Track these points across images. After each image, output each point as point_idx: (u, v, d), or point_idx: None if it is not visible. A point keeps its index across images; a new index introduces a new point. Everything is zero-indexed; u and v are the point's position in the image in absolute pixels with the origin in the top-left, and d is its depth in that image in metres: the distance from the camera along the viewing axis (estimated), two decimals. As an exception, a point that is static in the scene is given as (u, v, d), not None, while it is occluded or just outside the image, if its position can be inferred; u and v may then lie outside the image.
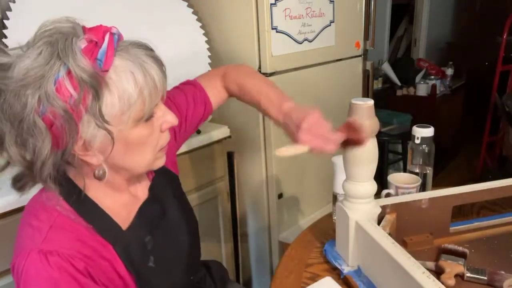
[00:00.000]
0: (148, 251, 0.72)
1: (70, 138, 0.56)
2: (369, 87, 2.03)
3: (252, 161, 1.66)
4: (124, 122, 0.59)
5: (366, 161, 0.79)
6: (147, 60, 0.60)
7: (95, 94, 0.54)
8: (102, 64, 0.56)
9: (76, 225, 0.63)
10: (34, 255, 0.58)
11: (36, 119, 0.54)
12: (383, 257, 0.71)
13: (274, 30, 1.49)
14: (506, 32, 3.05)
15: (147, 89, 0.59)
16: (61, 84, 0.53)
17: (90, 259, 0.62)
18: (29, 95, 0.53)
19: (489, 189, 0.94)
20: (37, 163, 0.56)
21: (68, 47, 0.54)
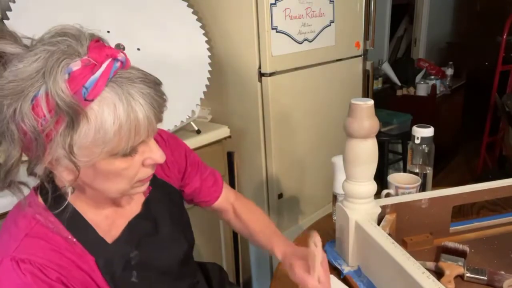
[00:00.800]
0: (132, 266, 0.70)
1: (36, 155, 0.55)
2: (369, 87, 2.03)
3: (252, 161, 1.66)
4: (95, 155, 0.56)
5: (366, 161, 0.79)
6: (139, 98, 0.56)
7: (70, 123, 0.52)
8: (87, 93, 0.53)
9: (53, 235, 0.63)
10: (6, 262, 0.58)
11: (10, 125, 0.53)
12: (383, 257, 0.71)
13: (274, 30, 1.49)
14: (506, 32, 3.05)
15: (127, 128, 0.55)
16: (38, 103, 0.52)
17: (65, 269, 0.62)
18: (5, 105, 0.53)
19: (489, 189, 0.94)
20: (3, 168, 0.56)
21: (54, 70, 0.52)
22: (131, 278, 0.70)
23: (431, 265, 0.82)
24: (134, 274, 0.70)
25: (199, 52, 1.54)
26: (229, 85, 1.65)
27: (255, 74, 1.53)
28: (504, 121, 2.98)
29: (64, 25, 0.57)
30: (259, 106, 1.57)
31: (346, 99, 0.83)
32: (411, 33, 4.08)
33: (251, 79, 1.55)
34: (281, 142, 1.63)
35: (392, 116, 2.84)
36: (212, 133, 1.53)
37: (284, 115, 1.61)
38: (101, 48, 0.56)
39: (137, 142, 0.59)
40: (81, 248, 0.65)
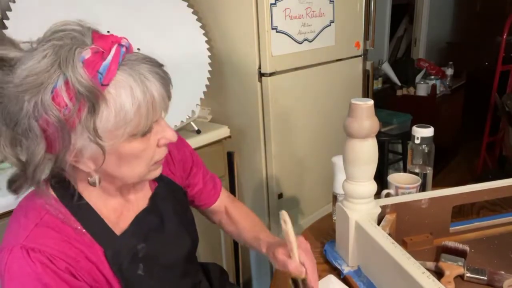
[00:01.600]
0: (139, 258, 0.71)
1: (63, 146, 0.56)
2: (369, 87, 2.03)
3: (252, 161, 1.66)
4: (118, 137, 0.59)
5: (366, 161, 0.79)
6: (150, 77, 0.59)
7: (91, 107, 0.54)
8: (102, 78, 0.55)
9: (63, 226, 0.64)
10: (16, 250, 0.59)
11: (31, 122, 0.54)
12: (383, 257, 0.71)
13: (274, 30, 1.49)
14: (506, 32, 3.05)
15: (145, 106, 0.58)
16: (58, 93, 0.53)
17: (74, 259, 0.63)
18: (26, 100, 0.54)
19: (489, 189, 0.94)
20: (30, 166, 0.57)
21: (70, 58, 0.54)
22: (137, 271, 0.71)
23: (431, 265, 0.82)
24: (140, 267, 0.71)
25: (199, 52, 1.54)
26: (229, 85, 1.65)
27: (255, 74, 1.53)
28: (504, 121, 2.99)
29: (64, 21, 0.59)
30: (259, 106, 1.57)
31: (346, 99, 0.83)
32: (411, 33, 4.08)
33: (251, 79, 1.55)
34: (281, 142, 1.63)
35: (392, 116, 2.84)
36: (212, 133, 1.53)
37: (284, 115, 1.61)
38: (105, 37, 0.58)
39: (154, 119, 0.62)
40: (90, 238, 0.66)
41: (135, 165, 0.65)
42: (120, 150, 0.61)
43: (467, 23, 4.68)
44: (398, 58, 4.02)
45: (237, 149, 1.66)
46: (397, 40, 4.10)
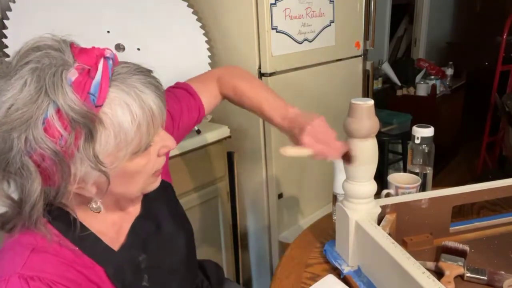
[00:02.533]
0: (142, 270, 0.69)
1: (63, 178, 0.52)
2: (369, 87, 2.03)
3: (252, 161, 1.66)
4: (120, 159, 0.55)
5: (366, 161, 0.79)
6: (145, 90, 0.55)
7: (88, 133, 0.50)
8: (96, 99, 0.51)
9: (60, 249, 0.60)
10: (14, 280, 0.54)
11: (24, 159, 0.50)
12: (383, 257, 0.71)
13: (274, 30, 1.49)
14: (506, 32, 3.05)
15: (145, 122, 0.55)
16: (50, 124, 0.49)
17: (75, 283, 0.59)
18: (15, 138, 0.49)
19: (489, 189, 0.94)
20: (26, 205, 0.52)
21: (57, 83, 0.49)
22: (142, 283, 0.68)
23: (431, 265, 0.82)
24: (145, 278, 0.69)
25: (199, 52, 1.54)
26: (229, 85, 1.65)
27: (255, 74, 1.53)
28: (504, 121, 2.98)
29: (34, 39, 0.54)
30: (259, 106, 1.57)
31: (346, 99, 0.83)
32: (411, 33, 4.08)
33: (251, 79, 1.55)
34: (281, 142, 1.63)
35: (392, 116, 2.84)
36: (212, 133, 1.53)
37: (284, 115, 1.61)
38: (86, 50, 0.54)
39: (153, 134, 0.58)
40: (89, 259, 0.63)
41: (138, 181, 0.62)
42: (123, 170, 0.58)
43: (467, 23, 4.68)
44: (398, 58, 4.02)
45: (237, 149, 1.65)
46: (397, 40, 4.10)
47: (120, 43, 1.32)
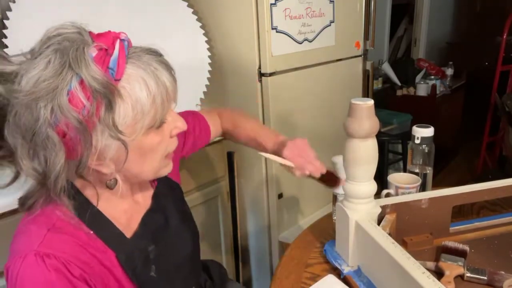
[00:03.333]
0: (150, 260, 0.71)
1: (85, 148, 0.55)
2: (369, 87, 2.03)
3: (252, 161, 1.66)
4: (137, 131, 0.59)
5: (366, 161, 0.79)
6: (158, 67, 0.59)
7: (108, 104, 0.54)
8: (114, 73, 0.55)
9: (75, 230, 0.62)
10: (30, 257, 0.57)
11: (49, 131, 0.53)
12: (383, 257, 0.71)
13: (274, 30, 1.49)
14: (506, 32, 3.05)
15: (160, 96, 0.59)
16: (74, 95, 0.53)
17: (88, 265, 0.61)
18: (42, 108, 0.52)
19: (489, 189, 0.94)
20: (51, 177, 0.55)
21: (80, 56, 0.53)
22: (150, 272, 0.70)
23: (431, 265, 0.82)
24: (153, 269, 0.70)
25: (199, 52, 1.54)
26: (229, 85, 1.65)
27: (255, 74, 1.53)
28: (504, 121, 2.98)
29: (55, 27, 0.57)
30: (259, 106, 1.57)
31: (346, 99, 0.83)
32: (411, 33, 4.08)
33: (251, 79, 1.55)
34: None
35: (392, 116, 2.84)
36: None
37: (284, 115, 1.61)
38: (103, 34, 0.57)
39: (167, 110, 0.62)
40: (102, 244, 0.64)
41: (153, 159, 0.65)
42: (140, 145, 0.61)
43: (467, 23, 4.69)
44: (398, 58, 4.03)
45: (237, 149, 1.65)
46: (397, 40, 4.10)
47: (120, 43, 1.32)
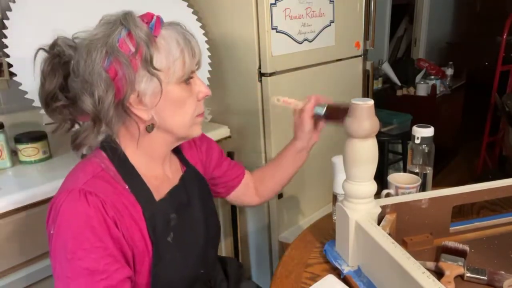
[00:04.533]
0: (170, 227, 0.78)
1: (128, 85, 0.67)
2: (369, 87, 2.03)
3: (252, 161, 1.66)
4: (170, 76, 0.71)
5: (366, 161, 0.79)
6: (186, 33, 0.74)
7: (148, 52, 0.67)
8: (153, 30, 0.70)
9: (114, 182, 0.72)
10: (75, 192, 0.67)
11: (102, 72, 0.66)
12: (383, 257, 0.71)
13: (274, 30, 1.49)
14: (506, 32, 3.05)
15: (187, 51, 0.72)
16: (123, 41, 0.67)
17: (119, 212, 0.70)
18: (98, 50, 0.66)
19: (489, 189, 0.94)
20: (101, 112, 0.67)
21: (129, 16, 0.69)
22: (167, 238, 0.77)
23: (431, 265, 0.82)
24: (170, 235, 0.77)
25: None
26: (229, 85, 1.65)
27: (255, 74, 1.53)
28: (504, 121, 2.99)
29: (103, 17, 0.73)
30: (259, 106, 1.57)
31: (346, 99, 0.83)
32: (411, 33, 4.08)
33: (251, 79, 1.55)
34: (281, 142, 1.62)
35: (392, 116, 2.84)
36: (212, 133, 1.53)
37: (284, 115, 1.61)
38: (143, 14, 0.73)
39: (191, 66, 0.74)
40: (134, 199, 0.73)
41: (184, 113, 0.76)
42: (171, 96, 0.73)
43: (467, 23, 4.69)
44: (398, 58, 4.03)
45: (237, 149, 1.66)
46: (397, 40, 4.10)
47: (120, 43, 1.32)
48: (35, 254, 1.10)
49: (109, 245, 0.67)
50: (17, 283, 1.07)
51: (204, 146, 0.98)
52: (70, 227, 0.65)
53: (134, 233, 0.72)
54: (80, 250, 0.65)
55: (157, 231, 0.75)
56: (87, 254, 0.65)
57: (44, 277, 1.12)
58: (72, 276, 0.64)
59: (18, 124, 1.45)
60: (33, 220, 1.07)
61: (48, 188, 1.09)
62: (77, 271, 0.64)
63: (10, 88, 1.45)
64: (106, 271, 0.66)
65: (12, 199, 1.02)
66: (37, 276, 1.10)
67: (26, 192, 1.05)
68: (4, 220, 1.02)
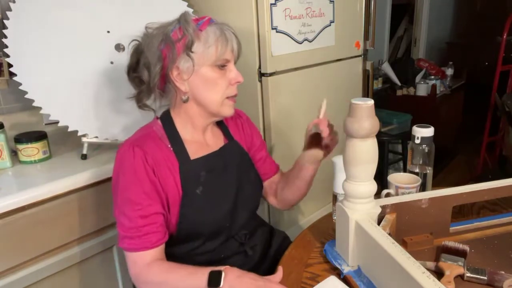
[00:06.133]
0: (200, 182, 0.95)
1: (171, 63, 0.90)
2: (369, 87, 2.03)
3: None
4: (204, 59, 0.91)
5: (366, 161, 0.79)
6: (228, 28, 0.94)
7: (190, 39, 0.88)
8: (199, 26, 0.91)
9: (160, 141, 0.94)
10: (127, 145, 0.91)
11: (156, 51, 0.90)
12: (383, 257, 0.71)
13: (274, 30, 1.49)
14: (506, 32, 3.05)
15: (220, 41, 0.91)
16: (175, 32, 0.90)
17: (158, 163, 0.91)
18: (157, 37, 0.90)
19: (489, 189, 0.94)
20: (151, 77, 0.92)
21: (183, 16, 0.91)
22: (196, 190, 0.94)
23: (431, 265, 0.82)
24: (199, 188, 0.95)
25: (199, 52, 1.53)
26: (229, 85, 1.65)
27: (255, 74, 1.53)
28: (504, 121, 2.98)
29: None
30: (259, 106, 1.57)
31: (346, 99, 0.84)
32: (411, 33, 4.08)
33: (251, 79, 1.55)
34: (281, 142, 1.63)
35: (392, 116, 2.84)
36: (212, 133, 1.53)
37: (284, 115, 1.61)
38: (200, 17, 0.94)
39: (224, 52, 0.92)
40: (174, 156, 0.94)
41: (215, 91, 0.94)
42: (205, 75, 0.92)
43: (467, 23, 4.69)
44: (398, 58, 4.03)
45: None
46: (397, 40, 4.10)
47: (120, 43, 1.32)
48: (35, 254, 1.10)
49: (145, 186, 0.89)
50: (17, 283, 1.07)
51: (249, 130, 1.14)
52: (121, 169, 0.90)
53: (168, 181, 0.92)
54: (126, 185, 0.89)
55: (188, 183, 0.93)
56: (130, 188, 0.89)
57: (44, 277, 1.12)
58: (121, 203, 0.90)
59: (18, 124, 1.45)
60: (33, 220, 1.07)
61: (48, 188, 1.09)
62: (123, 199, 0.89)
63: (10, 88, 1.45)
64: (140, 204, 0.88)
65: (12, 199, 1.02)
66: (37, 276, 1.10)
67: (26, 192, 1.05)
68: (4, 220, 1.02)
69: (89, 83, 1.26)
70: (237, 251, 1.03)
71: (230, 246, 1.02)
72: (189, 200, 0.93)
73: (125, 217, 0.89)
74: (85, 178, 1.17)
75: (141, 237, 0.88)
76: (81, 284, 1.22)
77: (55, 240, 1.13)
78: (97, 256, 1.24)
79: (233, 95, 0.97)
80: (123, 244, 0.90)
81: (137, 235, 0.88)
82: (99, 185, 1.20)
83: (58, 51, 1.21)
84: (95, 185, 1.19)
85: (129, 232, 0.88)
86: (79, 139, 1.26)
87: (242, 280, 0.82)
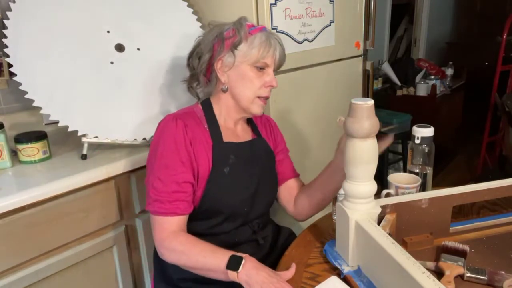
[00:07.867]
0: (228, 163, 1.02)
1: (218, 53, 1.02)
2: (369, 87, 2.03)
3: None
4: (247, 57, 1.01)
5: (366, 161, 0.79)
6: (275, 37, 1.05)
7: (239, 40, 1.00)
8: (251, 30, 1.02)
9: (199, 121, 1.04)
10: (170, 117, 1.01)
11: (210, 45, 1.03)
12: (383, 257, 0.71)
13: (274, 30, 1.49)
14: (506, 32, 3.05)
15: (264, 45, 1.01)
16: (228, 32, 1.02)
17: (195, 138, 0.99)
18: (213, 33, 1.04)
19: (489, 189, 0.94)
20: (199, 64, 1.05)
21: (239, 20, 1.03)
22: (223, 169, 1.01)
23: (431, 265, 0.82)
24: (227, 168, 1.02)
25: (199, 52, 1.53)
26: (229, 85, 1.65)
27: (255, 74, 1.53)
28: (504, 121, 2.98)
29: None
30: (259, 106, 1.56)
31: (346, 99, 0.84)
32: (411, 33, 4.08)
33: (251, 79, 1.55)
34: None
35: (392, 116, 2.84)
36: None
37: (284, 115, 1.61)
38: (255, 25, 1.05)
39: (265, 56, 1.01)
40: (209, 135, 1.03)
41: (249, 88, 1.02)
42: (243, 71, 1.02)
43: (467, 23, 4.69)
44: (398, 58, 4.03)
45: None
46: (397, 40, 4.10)
47: (120, 43, 1.32)
48: (35, 254, 1.10)
49: (182, 154, 0.96)
50: (17, 283, 1.07)
51: (276, 134, 1.19)
52: (161, 137, 0.98)
53: (201, 155, 0.99)
54: (164, 151, 0.96)
55: (218, 161, 1.01)
56: (167, 155, 0.96)
57: (44, 277, 1.12)
58: (157, 168, 0.96)
59: (18, 124, 1.45)
60: (33, 220, 1.07)
61: (48, 188, 1.09)
62: (160, 165, 0.96)
63: (10, 88, 1.45)
64: (175, 170, 0.96)
65: (12, 199, 1.02)
66: (37, 276, 1.10)
67: (26, 192, 1.05)
68: (4, 220, 1.02)
69: (89, 83, 1.26)
70: (250, 239, 1.08)
71: (244, 232, 1.07)
72: (216, 177, 1.00)
73: (159, 181, 0.95)
74: (85, 178, 1.17)
75: (172, 202, 0.95)
76: (81, 284, 1.22)
77: (55, 240, 1.13)
78: (97, 256, 1.24)
79: (264, 97, 1.05)
80: (153, 208, 0.95)
81: (167, 199, 0.94)
82: (99, 185, 1.20)
83: (58, 51, 1.21)
84: (95, 185, 1.19)
85: (160, 195, 0.95)
86: (79, 139, 1.25)
87: (258, 272, 0.84)
